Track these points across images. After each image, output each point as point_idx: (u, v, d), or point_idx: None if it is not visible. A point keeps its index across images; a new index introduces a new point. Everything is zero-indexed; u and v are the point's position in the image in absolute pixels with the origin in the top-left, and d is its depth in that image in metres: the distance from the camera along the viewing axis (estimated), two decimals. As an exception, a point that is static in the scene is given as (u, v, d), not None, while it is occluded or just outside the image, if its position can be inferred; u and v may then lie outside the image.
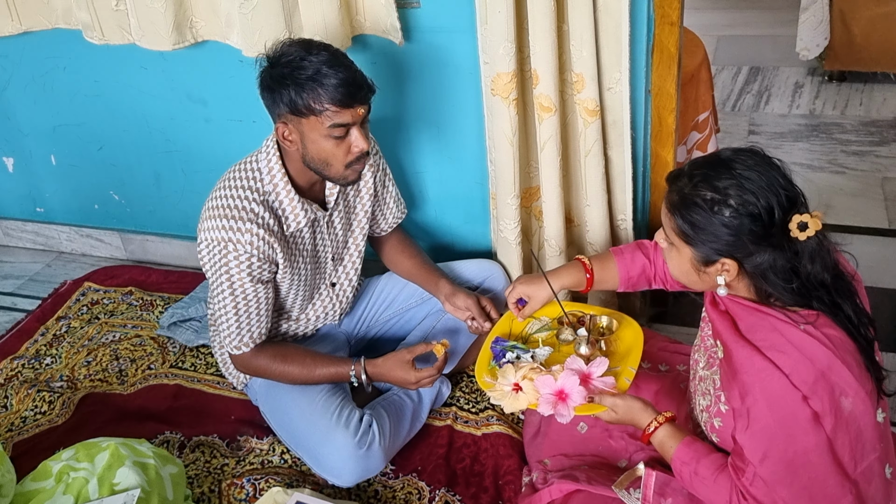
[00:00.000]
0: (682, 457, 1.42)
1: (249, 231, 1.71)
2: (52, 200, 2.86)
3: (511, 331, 1.80)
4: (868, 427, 1.27)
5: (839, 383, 1.24)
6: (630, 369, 1.61)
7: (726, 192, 1.26)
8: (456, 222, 2.36)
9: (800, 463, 1.26)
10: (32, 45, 2.49)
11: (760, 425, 1.27)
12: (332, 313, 2.03)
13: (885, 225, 2.71)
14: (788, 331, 1.28)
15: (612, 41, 1.86)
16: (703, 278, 1.36)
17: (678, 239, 1.34)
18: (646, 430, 1.48)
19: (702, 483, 1.39)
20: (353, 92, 1.62)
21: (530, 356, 1.68)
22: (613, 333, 1.74)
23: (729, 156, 1.30)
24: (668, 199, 1.35)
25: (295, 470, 1.91)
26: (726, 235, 1.27)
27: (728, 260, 1.29)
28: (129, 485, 1.60)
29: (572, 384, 1.51)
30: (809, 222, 1.23)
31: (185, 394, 2.18)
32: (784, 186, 1.26)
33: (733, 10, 4.69)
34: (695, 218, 1.29)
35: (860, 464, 1.27)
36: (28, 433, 2.08)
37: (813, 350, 1.25)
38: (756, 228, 1.25)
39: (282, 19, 2.01)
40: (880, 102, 3.51)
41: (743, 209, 1.25)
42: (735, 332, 1.34)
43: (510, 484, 1.80)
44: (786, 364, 1.25)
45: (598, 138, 1.95)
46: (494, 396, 1.58)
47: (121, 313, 2.52)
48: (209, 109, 2.42)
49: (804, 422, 1.24)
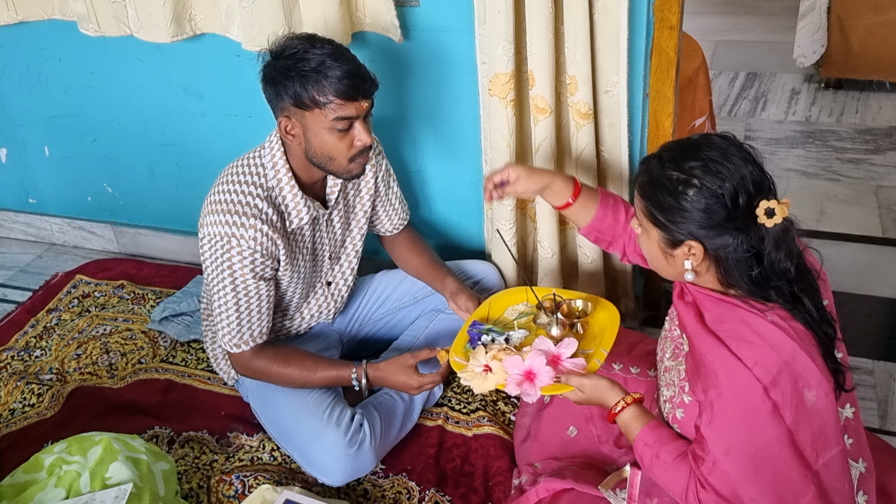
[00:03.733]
0: (645, 439, 1.43)
1: (253, 227, 1.70)
2: (45, 192, 2.84)
3: (489, 315, 1.80)
4: (831, 420, 1.28)
5: (803, 374, 1.25)
6: (602, 351, 1.62)
7: (692, 173, 1.26)
8: (451, 222, 2.36)
9: (763, 456, 1.27)
10: (28, 36, 2.47)
11: (724, 419, 1.28)
12: (326, 312, 2.03)
13: (878, 233, 2.71)
14: (755, 321, 1.28)
15: (611, 44, 1.85)
16: (671, 263, 1.36)
17: (647, 221, 1.35)
18: (612, 410, 1.48)
19: (661, 468, 1.40)
20: (358, 84, 1.62)
21: (504, 339, 1.69)
22: (588, 316, 1.75)
23: (699, 139, 1.31)
24: (638, 181, 1.35)
25: (284, 467, 1.90)
26: (691, 216, 1.27)
27: (693, 242, 1.29)
28: (121, 479, 1.59)
29: (539, 364, 1.52)
30: (777, 209, 1.23)
31: (175, 389, 2.17)
32: (752, 171, 1.27)
33: (731, 15, 4.70)
34: (661, 198, 1.29)
35: (822, 456, 1.28)
36: (16, 425, 2.06)
37: (778, 340, 1.26)
38: (720, 210, 1.25)
39: (281, 14, 2.01)
40: (876, 111, 3.52)
41: (708, 190, 1.25)
42: (701, 324, 1.34)
43: (500, 485, 1.80)
44: (749, 356, 1.25)
45: (590, 141, 1.95)
46: (465, 377, 1.60)
47: (112, 307, 2.51)
48: (205, 103, 2.41)
49: (765, 414, 1.24)
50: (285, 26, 2.02)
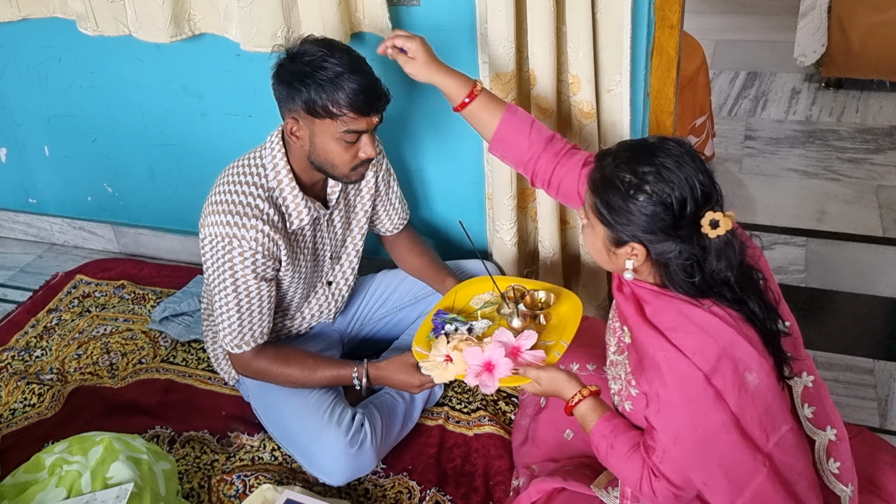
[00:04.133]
0: (600, 431, 1.45)
1: (255, 227, 1.70)
2: (45, 192, 2.84)
3: (455, 304, 1.81)
4: (776, 400, 1.30)
5: (742, 358, 1.28)
6: (563, 343, 1.62)
7: (644, 178, 1.28)
8: (451, 222, 2.35)
9: (709, 442, 1.29)
10: (28, 35, 2.47)
11: (670, 408, 1.30)
12: (326, 312, 2.03)
13: (878, 233, 2.71)
14: (692, 311, 1.31)
15: (613, 43, 1.85)
16: (612, 259, 1.38)
17: (594, 217, 1.36)
18: (569, 402, 1.50)
19: (616, 458, 1.42)
20: (373, 101, 1.63)
21: (467, 328, 1.70)
22: (551, 308, 1.75)
23: (655, 142, 1.32)
24: (590, 177, 1.36)
25: (285, 467, 1.90)
26: (638, 220, 1.29)
27: (637, 244, 1.31)
28: (123, 479, 1.59)
29: (498, 356, 1.54)
30: (721, 221, 1.25)
31: (176, 388, 2.17)
32: (701, 181, 1.28)
33: (732, 14, 4.70)
34: (611, 199, 1.31)
35: (772, 436, 1.30)
36: (17, 425, 2.06)
37: (716, 328, 1.28)
38: (667, 218, 1.27)
39: (280, 14, 2.00)
40: (876, 110, 3.52)
41: (657, 197, 1.27)
42: (641, 316, 1.36)
43: (501, 485, 1.80)
44: (688, 345, 1.28)
45: (592, 141, 1.95)
46: (426, 367, 1.61)
47: (112, 307, 2.51)
48: (205, 103, 2.41)
49: (708, 401, 1.27)
50: (284, 27, 2.02)
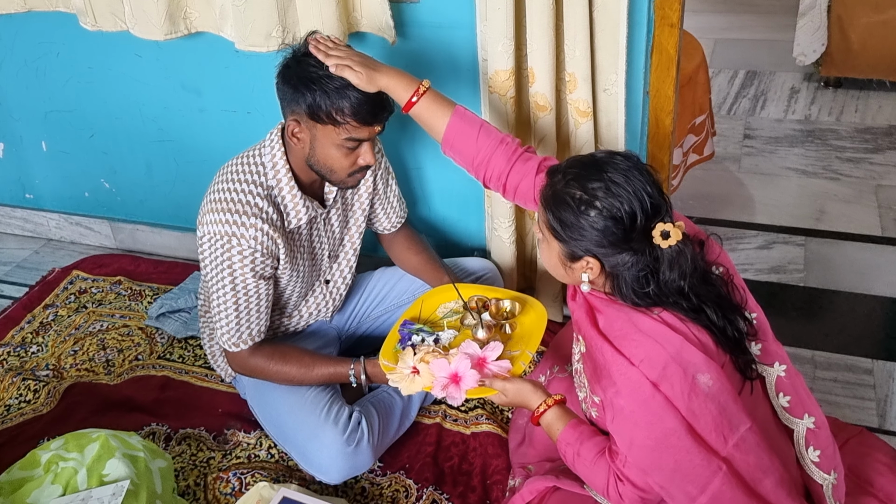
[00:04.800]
0: (566, 438, 1.46)
1: (254, 226, 1.69)
2: (42, 187, 2.83)
3: (421, 314, 1.81)
4: (730, 401, 1.31)
5: (693, 362, 1.29)
6: (528, 353, 1.63)
7: (594, 194, 1.30)
8: (451, 219, 2.35)
9: (663, 447, 1.30)
10: (26, 29, 2.46)
11: (623, 415, 1.32)
12: (324, 310, 2.02)
13: (877, 232, 2.71)
14: (640, 320, 1.33)
15: (610, 42, 1.84)
16: (569, 273, 1.40)
17: (548, 233, 1.38)
18: (535, 412, 1.51)
19: (583, 464, 1.44)
20: (377, 111, 1.64)
21: (433, 339, 1.70)
22: (515, 318, 1.75)
23: (603, 157, 1.35)
24: (542, 194, 1.38)
25: (282, 465, 1.90)
26: (591, 235, 1.31)
27: (591, 259, 1.34)
28: (119, 476, 1.58)
29: (465, 367, 1.54)
30: (671, 232, 1.28)
31: (172, 385, 2.16)
32: (650, 194, 1.31)
33: (731, 13, 4.69)
34: (563, 215, 1.33)
35: (730, 438, 1.31)
36: (12, 421, 2.06)
37: (664, 335, 1.30)
38: (618, 231, 1.30)
39: (276, 13, 1.99)
40: (875, 110, 3.52)
41: (607, 212, 1.29)
42: (593, 325, 1.39)
43: (498, 484, 1.79)
44: (635, 353, 1.30)
45: (588, 139, 1.95)
46: (393, 379, 1.61)
47: (109, 303, 2.50)
48: (203, 99, 2.40)
49: (658, 408, 1.28)
50: (279, 26, 2.01)
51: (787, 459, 1.42)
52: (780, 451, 1.40)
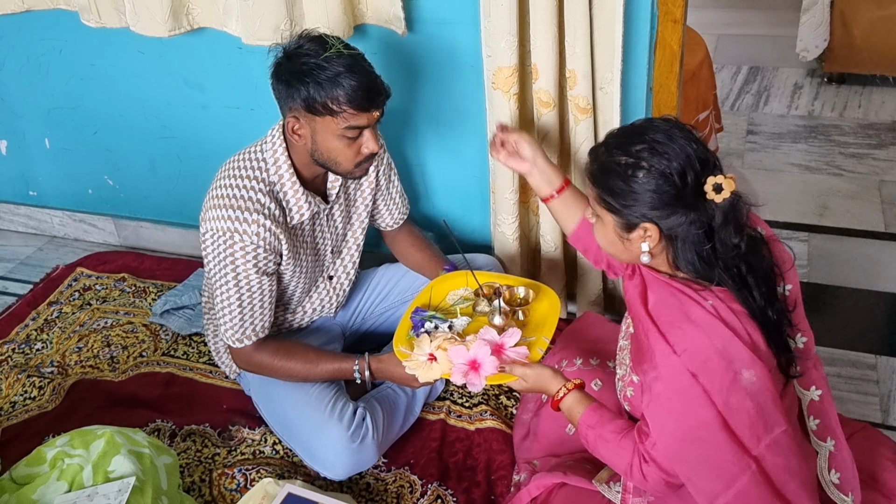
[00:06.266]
0: (587, 420, 1.46)
1: (256, 222, 1.69)
2: (46, 184, 2.83)
3: (430, 301, 1.81)
4: (769, 402, 1.29)
5: (739, 357, 1.27)
6: (544, 339, 1.63)
7: (639, 156, 1.29)
8: (455, 216, 2.35)
9: (692, 439, 1.30)
10: (29, 26, 2.46)
11: (659, 401, 1.32)
12: (328, 306, 2.02)
13: (881, 228, 2.71)
14: (692, 308, 1.31)
15: (606, 39, 1.84)
16: (627, 246, 1.38)
17: (601, 208, 1.37)
18: (555, 397, 1.51)
19: (605, 446, 1.44)
20: (373, 97, 1.63)
21: (447, 326, 1.69)
22: (530, 304, 1.75)
23: (642, 123, 1.35)
24: (588, 171, 1.38)
25: (286, 461, 1.90)
26: (643, 198, 1.30)
27: (648, 224, 1.32)
28: (124, 473, 1.58)
29: (484, 354, 1.54)
30: (724, 183, 1.26)
31: (176, 382, 2.17)
32: (695, 149, 1.29)
33: (734, 9, 4.68)
34: (613, 184, 1.32)
35: (764, 438, 1.29)
36: (17, 418, 2.06)
37: (714, 328, 1.29)
38: (670, 189, 1.28)
39: (283, 7, 1.99)
40: (879, 105, 3.51)
41: (656, 170, 1.28)
42: (643, 306, 1.37)
43: (503, 479, 1.80)
44: (680, 342, 1.29)
45: (588, 136, 1.94)
46: (410, 366, 1.60)
47: (113, 300, 2.50)
48: (206, 96, 2.40)
49: (694, 399, 1.27)
50: (287, 20, 2.01)
51: (812, 463, 1.40)
52: (807, 455, 1.39)
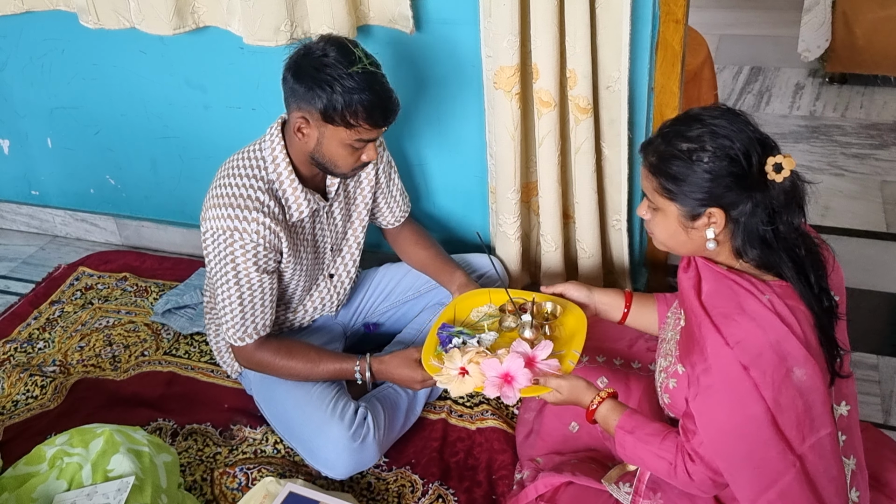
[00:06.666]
0: (625, 425, 1.45)
1: (255, 220, 1.70)
2: (48, 183, 2.84)
3: (455, 317, 1.80)
4: (818, 402, 1.28)
5: (792, 354, 1.26)
6: (574, 352, 1.62)
7: (701, 140, 1.29)
8: (455, 215, 2.35)
9: (739, 434, 1.29)
10: (31, 26, 2.46)
11: (708, 393, 1.30)
12: (329, 305, 2.02)
13: (883, 228, 2.71)
14: (748, 300, 1.30)
15: (612, 39, 1.84)
16: (691, 235, 1.36)
17: (662, 198, 1.35)
18: (589, 407, 1.51)
19: (646, 448, 1.42)
20: (389, 115, 1.66)
21: (476, 341, 1.69)
22: (557, 319, 1.75)
23: (697, 111, 1.34)
24: (647, 162, 1.36)
25: (288, 460, 1.90)
26: (707, 182, 1.29)
27: (714, 209, 1.31)
28: (124, 472, 1.58)
29: (517, 367, 1.53)
30: (784, 163, 1.26)
31: (178, 381, 2.17)
32: (754, 131, 1.29)
33: (736, 9, 4.68)
34: (675, 170, 1.31)
35: (809, 438, 1.29)
36: (19, 417, 2.07)
37: (769, 322, 1.27)
38: (735, 170, 1.28)
39: (284, 8, 1.99)
40: (881, 106, 3.51)
41: (720, 152, 1.28)
42: (696, 298, 1.36)
43: (504, 479, 1.80)
44: (733, 334, 1.27)
45: (588, 136, 1.94)
46: (441, 381, 1.60)
47: (115, 299, 2.51)
48: (208, 96, 2.40)
49: (744, 393, 1.26)
50: (287, 21, 2.01)
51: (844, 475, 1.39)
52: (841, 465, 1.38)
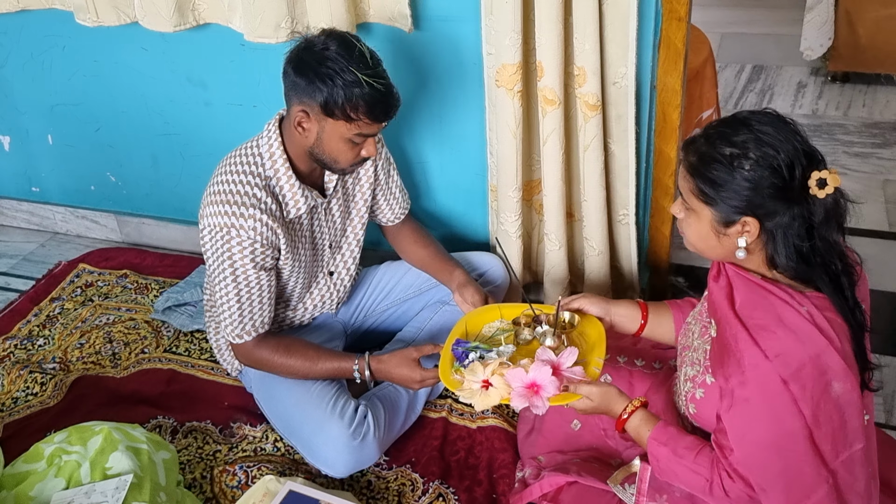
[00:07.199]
0: (659, 437, 1.43)
1: (253, 217, 1.69)
2: (48, 180, 2.83)
3: (467, 332, 1.77)
4: (853, 417, 1.26)
5: (832, 367, 1.24)
6: (598, 359, 1.60)
7: (745, 146, 1.25)
8: (455, 213, 2.34)
9: (776, 448, 1.26)
10: (31, 23, 2.46)
11: (745, 406, 1.28)
12: (329, 302, 2.02)
13: (885, 227, 2.70)
14: (787, 313, 1.27)
15: (619, 35, 1.84)
16: (722, 242, 1.32)
17: (697, 201, 1.31)
18: (621, 416, 1.48)
19: (680, 462, 1.40)
20: (389, 110, 1.66)
21: (495, 354, 1.65)
22: (575, 329, 1.72)
23: (745, 115, 1.30)
24: (687, 162, 1.32)
25: (288, 458, 1.90)
26: (746, 190, 1.25)
27: (749, 218, 1.27)
28: (122, 469, 1.58)
29: (544, 375, 1.49)
30: (829, 179, 1.22)
31: (178, 379, 2.16)
32: (801, 142, 1.25)
33: (738, 7, 4.67)
34: (715, 174, 1.27)
35: (842, 453, 1.27)
36: (19, 414, 2.06)
37: (809, 335, 1.24)
38: (777, 181, 1.23)
39: (284, 5, 1.99)
40: (883, 104, 3.50)
41: (764, 161, 1.23)
42: (730, 307, 1.33)
43: (504, 478, 1.79)
44: (772, 347, 1.24)
45: (597, 133, 1.94)
46: (464, 395, 1.56)
47: (115, 296, 2.50)
48: (209, 93, 2.40)
49: (782, 407, 1.24)
50: (288, 17, 2.00)
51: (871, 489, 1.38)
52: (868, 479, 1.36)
